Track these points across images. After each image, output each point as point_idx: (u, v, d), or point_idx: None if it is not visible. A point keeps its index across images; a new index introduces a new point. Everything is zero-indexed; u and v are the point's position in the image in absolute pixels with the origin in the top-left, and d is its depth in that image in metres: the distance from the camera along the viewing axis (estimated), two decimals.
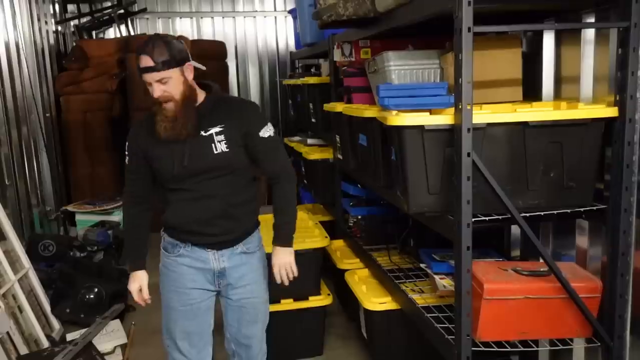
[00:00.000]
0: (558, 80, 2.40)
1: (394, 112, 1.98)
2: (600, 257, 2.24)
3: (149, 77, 1.89)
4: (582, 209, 1.95)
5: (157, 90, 1.90)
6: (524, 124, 1.82)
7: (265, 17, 6.75)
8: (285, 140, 5.02)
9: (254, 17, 6.73)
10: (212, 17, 6.66)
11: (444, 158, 1.88)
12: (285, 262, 2.15)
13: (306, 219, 3.60)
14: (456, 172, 1.77)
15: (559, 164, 1.88)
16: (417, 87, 2.11)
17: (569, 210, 1.94)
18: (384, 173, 2.39)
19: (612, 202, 1.91)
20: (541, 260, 2.56)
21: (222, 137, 2.00)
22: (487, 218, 1.89)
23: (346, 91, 3.04)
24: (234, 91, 6.66)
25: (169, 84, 1.90)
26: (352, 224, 3.48)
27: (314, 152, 3.92)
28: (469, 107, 1.71)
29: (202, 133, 1.99)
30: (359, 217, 3.29)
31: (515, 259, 2.78)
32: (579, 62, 2.23)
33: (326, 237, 3.16)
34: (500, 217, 1.89)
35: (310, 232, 3.29)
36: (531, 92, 2.45)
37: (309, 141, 4.29)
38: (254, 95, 6.77)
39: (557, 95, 2.41)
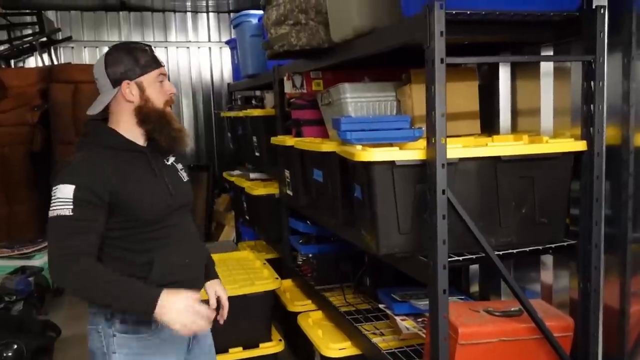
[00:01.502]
0: (515, 113, 2.39)
1: (359, 147, 1.86)
2: (564, 291, 2.20)
3: (164, 69, 1.78)
4: (552, 245, 1.89)
5: (170, 85, 1.77)
6: (496, 158, 1.75)
7: (199, 47, 6.57)
8: (224, 175, 4.82)
9: (188, 47, 6.53)
10: None
11: (414, 195, 1.77)
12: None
13: (253, 259, 3.41)
14: (430, 211, 1.66)
15: (531, 199, 1.83)
16: (380, 120, 2.01)
17: (540, 247, 1.88)
18: (344, 210, 2.26)
19: (582, 238, 1.86)
20: (503, 298, 2.51)
21: (180, 165, 1.88)
22: (460, 258, 1.79)
23: (295, 124, 2.91)
24: None
25: None
26: (301, 262, 3.32)
27: (257, 186, 3.75)
28: (443, 142, 1.62)
29: (165, 162, 1.83)
30: (310, 255, 3.13)
31: (474, 295, 2.71)
32: (536, 95, 2.22)
33: (277, 278, 2.98)
34: (474, 256, 1.80)
35: (258, 273, 3.09)
36: (488, 125, 2.42)
37: (252, 175, 4.12)
38: (188, 128, 6.52)
39: (514, 128, 2.39)
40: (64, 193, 1.59)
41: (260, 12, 3.74)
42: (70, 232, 1.58)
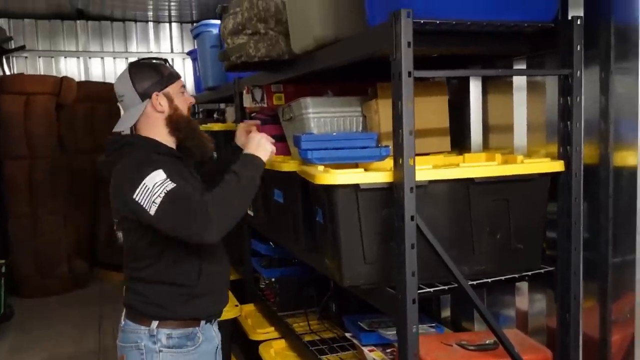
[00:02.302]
0: (486, 129, 2.27)
1: (321, 168, 1.70)
2: (540, 315, 2.08)
3: (182, 80, 1.89)
4: (529, 273, 1.76)
5: (189, 94, 1.90)
6: (469, 180, 1.60)
7: None
8: None
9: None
10: (102, 58, 6.16)
11: (381, 221, 1.61)
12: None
13: None
14: (398, 239, 1.51)
15: (506, 224, 1.69)
16: (344, 138, 1.85)
17: (517, 275, 1.75)
18: (306, 235, 2.09)
19: (560, 264, 1.73)
20: (476, 324, 2.37)
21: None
22: (431, 289, 1.64)
23: None
24: None
25: None
26: (263, 286, 3.13)
27: None
28: (411, 163, 1.47)
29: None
30: (273, 279, 2.94)
31: (446, 321, 2.57)
32: (509, 110, 2.10)
33: (237, 305, 2.78)
34: (446, 287, 1.65)
35: None
36: (458, 141, 2.29)
37: None
38: None
39: (486, 145, 2.27)
40: (157, 178, 1.62)
41: None
42: (186, 194, 1.63)
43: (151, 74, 1.78)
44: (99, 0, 5.42)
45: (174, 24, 6.40)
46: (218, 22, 3.77)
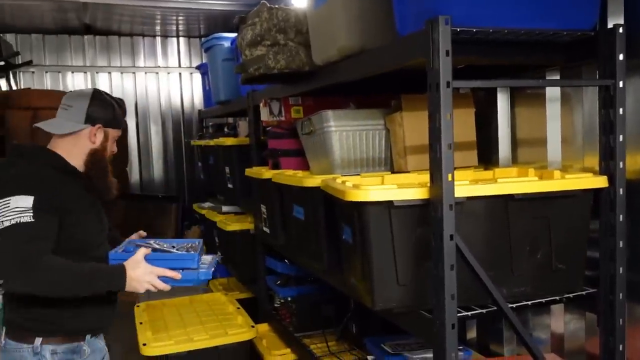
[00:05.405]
0: (515, 142, 2.18)
1: (350, 184, 1.61)
2: (576, 336, 1.98)
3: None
4: (571, 295, 1.65)
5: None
6: (508, 196, 1.51)
7: (168, 73, 6.30)
8: (194, 207, 4.52)
9: (157, 73, 6.25)
10: (110, 72, 6.10)
11: (415, 240, 1.52)
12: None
13: (224, 302, 3.10)
14: (436, 260, 1.41)
15: (546, 243, 1.59)
16: (162, 259, 1.86)
17: (557, 298, 1.65)
18: (329, 254, 2.00)
19: (604, 287, 1.63)
20: (505, 346, 2.26)
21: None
22: (469, 313, 1.54)
23: (272, 154, 2.65)
24: (133, 151, 6.06)
25: None
26: (279, 305, 3.02)
27: (231, 221, 3.45)
28: (450, 179, 1.38)
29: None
30: (289, 298, 2.84)
31: (471, 342, 2.46)
32: (540, 122, 2.02)
33: (253, 326, 2.67)
34: (484, 310, 1.55)
35: (232, 320, 2.79)
36: (485, 156, 2.21)
37: (224, 208, 3.82)
38: (157, 156, 6.22)
39: (515, 159, 2.18)
40: (21, 203, 1.63)
41: (233, 35, 3.51)
42: (31, 238, 1.62)
43: (108, 109, 1.89)
44: (106, 16, 5.38)
45: (181, 39, 6.35)
46: (230, 35, 3.72)
